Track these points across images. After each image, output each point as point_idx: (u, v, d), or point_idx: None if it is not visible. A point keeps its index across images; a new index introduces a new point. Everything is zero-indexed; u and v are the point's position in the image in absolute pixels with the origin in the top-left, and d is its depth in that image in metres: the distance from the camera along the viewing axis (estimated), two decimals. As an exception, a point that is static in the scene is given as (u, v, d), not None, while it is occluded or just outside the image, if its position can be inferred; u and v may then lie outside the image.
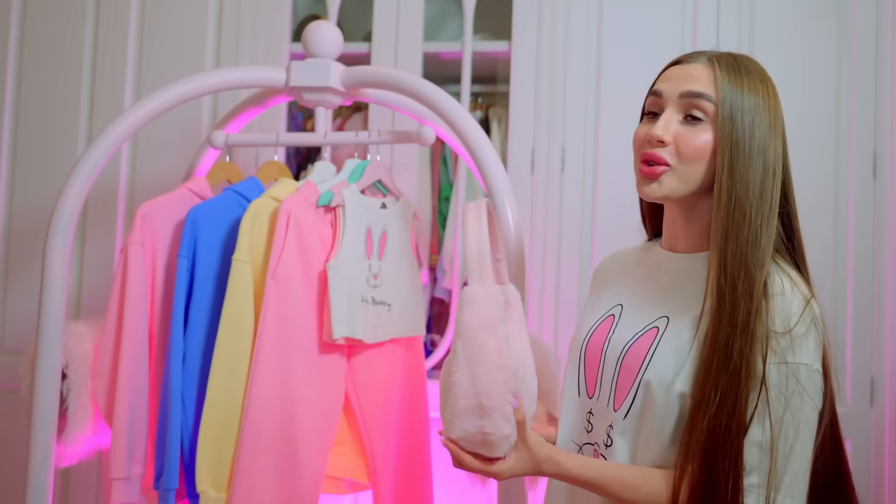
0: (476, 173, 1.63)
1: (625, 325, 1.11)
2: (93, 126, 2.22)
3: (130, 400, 1.53)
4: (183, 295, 1.54)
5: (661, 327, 1.06)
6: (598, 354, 1.12)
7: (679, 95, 1.06)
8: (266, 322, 1.48)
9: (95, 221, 2.20)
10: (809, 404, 0.97)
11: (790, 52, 2.02)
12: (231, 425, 1.49)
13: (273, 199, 1.58)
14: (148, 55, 2.22)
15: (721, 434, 0.94)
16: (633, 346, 1.07)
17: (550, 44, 2.09)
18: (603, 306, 1.17)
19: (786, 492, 0.95)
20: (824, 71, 2.00)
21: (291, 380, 1.50)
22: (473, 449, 0.99)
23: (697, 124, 1.04)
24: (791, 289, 1.02)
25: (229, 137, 1.74)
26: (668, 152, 1.05)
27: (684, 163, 1.04)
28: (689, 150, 1.04)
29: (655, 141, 1.05)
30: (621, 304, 1.14)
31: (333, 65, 1.68)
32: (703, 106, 1.04)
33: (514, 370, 0.99)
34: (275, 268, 1.49)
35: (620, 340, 1.10)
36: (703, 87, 1.04)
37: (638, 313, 1.10)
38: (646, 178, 1.06)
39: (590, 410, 1.12)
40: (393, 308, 1.63)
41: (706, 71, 1.06)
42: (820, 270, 1.96)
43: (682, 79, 1.06)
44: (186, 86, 1.63)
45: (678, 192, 1.06)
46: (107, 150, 1.59)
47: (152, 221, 1.59)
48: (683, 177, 1.05)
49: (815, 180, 1.98)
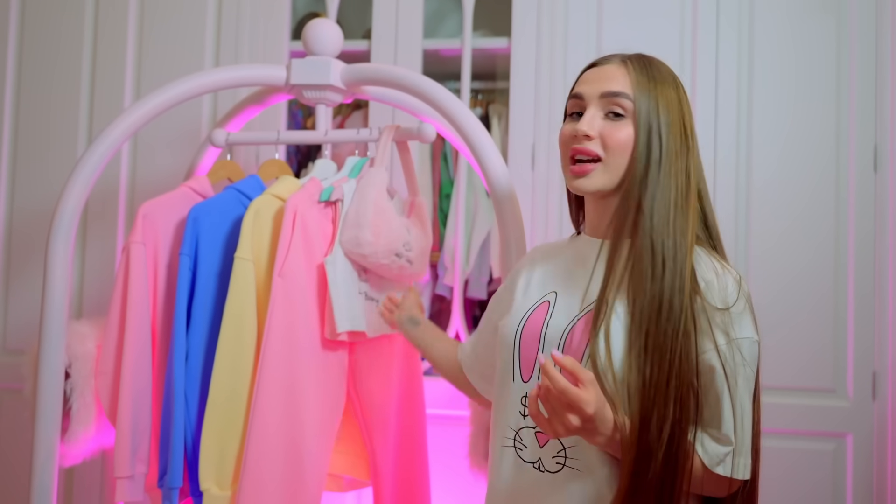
0: (477, 170, 1.63)
1: (561, 311, 1.15)
2: (93, 126, 2.22)
3: (133, 399, 1.53)
4: (185, 293, 1.54)
5: (592, 305, 1.12)
6: (535, 339, 1.15)
7: (600, 95, 1.14)
8: (273, 320, 1.48)
9: (96, 221, 2.21)
10: (751, 375, 1.09)
11: (790, 45, 2.02)
12: (234, 423, 1.49)
13: (275, 196, 1.58)
14: (147, 54, 2.22)
15: (664, 392, 1.03)
16: (574, 328, 1.12)
17: (550, 40, 2.10)
18: (534, 294, 1.21)
19: (745, 452, 1.07)
20: (824, 64, 2.00)
21: (298, 378, 1.50)
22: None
23: (619, 120, 1.13)
24: (722, 269, 1.11)
25: (230, 136, 1.75)
26: (595, 145, 1.13)
27: (611, 155, 1.13)
28: (613, 143, 1.13)
29: (582, 136, 1.13)
30: (555, 291, 1.19)
31: (334, 62, 1.68)
32: (623, 103, 1.13)
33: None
34: (282, 265, 1.50)
35: (559, 325, 1.14)
36: (621, 86, 1.14)
37: (573, 298, 1.15)
38: (576, 175, 1.14)
39: (525, 394, 1.15)
40: (381, 304, 1.63)
41: (620, 70, 1.15)
42: (821, 265, 1.97)
43: (600, 80, 1.15)
44: (186, 85, 1.63)
45: (608, 185, 1.14)
46: (107, 150, 1.59)
47: (154, 220, 1.59)
48: (612, 168, 1.13)
49: (815, 175, 1.99)
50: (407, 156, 1.77)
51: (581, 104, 1.16)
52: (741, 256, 2.00)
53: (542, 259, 1.27)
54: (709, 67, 2.04)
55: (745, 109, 2.03)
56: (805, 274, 1.97)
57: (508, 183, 1.58)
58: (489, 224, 2.32)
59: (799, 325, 1.96)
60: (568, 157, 1.16)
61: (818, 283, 1.97)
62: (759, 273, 1.98)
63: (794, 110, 2.01)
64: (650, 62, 1.17)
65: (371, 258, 1.55)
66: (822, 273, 1.97)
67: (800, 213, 1.99)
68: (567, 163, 1.16)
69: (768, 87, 2.02)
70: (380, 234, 1.54)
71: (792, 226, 1.99)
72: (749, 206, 2.01)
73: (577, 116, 1.17)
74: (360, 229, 1.54)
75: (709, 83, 2.04)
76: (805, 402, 1.95)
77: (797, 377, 1.96)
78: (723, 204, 2.01)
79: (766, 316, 1.94)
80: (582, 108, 1.16)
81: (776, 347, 1.93)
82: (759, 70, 2.03)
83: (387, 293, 1.62)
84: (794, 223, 1.99)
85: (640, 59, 1.17)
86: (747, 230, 2.00)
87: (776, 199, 2.00)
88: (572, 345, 1.11)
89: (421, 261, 1.66)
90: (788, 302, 1.97)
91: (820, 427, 1.94)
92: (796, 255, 1.98)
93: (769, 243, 1.99)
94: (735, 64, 2.04)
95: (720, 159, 2.02)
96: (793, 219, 1.99)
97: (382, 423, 1.65)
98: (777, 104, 2.02)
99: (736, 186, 2.01)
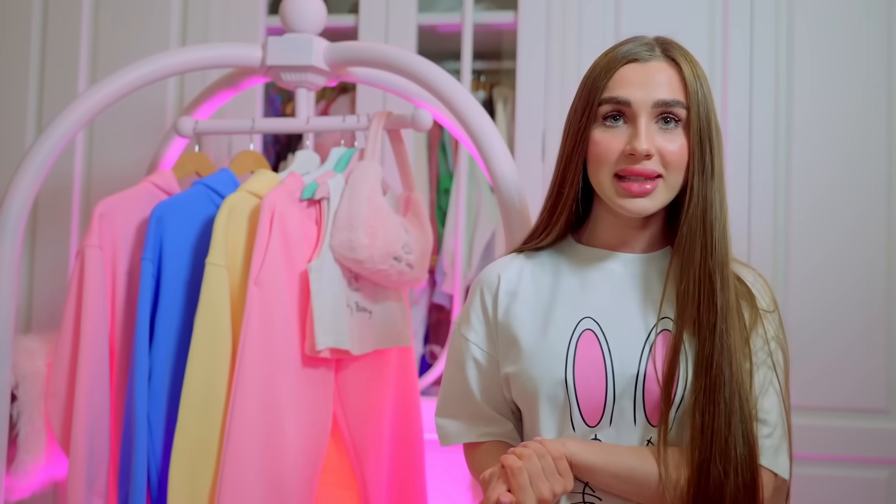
0: (479, 162, 1.63)
1: (621, 338, 1.16)
2: (43, 113, 2.21)
3: (89, 423, 1.53)
4: (148, 303, 1.54)
5: (670, 328, 1.16)
6: (600, 379, 1.15)
7: (653, 105, 1.15)
8: (248, 334, 1.48)
9: (47, 221, 2.20)
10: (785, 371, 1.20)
11: (833, 25, 2.01)
12: (207, 450, 1.49)
13: (250, 193, 1.58)
14: (104, 31, 2.21)
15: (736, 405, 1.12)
16: (651, 356, 1.15)
17: (562, 13, 2.09)
18: (558, 323, 1.19)
19: (787, 450, 1.17)
20: (874, 44, 2.00)
21: (278, 399, 1.50)
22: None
23: (672, 129, 1.16)
24: (747, 269, 1.23)
25: (198, 124, 1.74)
26: (656, 164, 1.15)
27: (671, 172, 1.15)
28: (673, 158, 1.15)
29: (642, 156, 1.13)
30: (591, 317, 1.18)
31: (316, 40, 1.68)
32: (678, 113, 1.15)
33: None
34: (258, 272, 1.49)
35: (629, 354, 1.15)
36: (675, 92, 1.15)
37: (628, 321, 1.17)
38: (636, 195, 1.15)
39: (594, 437, 1.16)
40: (374, 315, 1.63)
41: (670, 71, 1.16)
42: (872, 278, 1.96)
43: (649, 83, 1.15)
44: (149, 66, 1.63)
45: (664, 204, 1.18)
46: (59, 140, 1.59)
47: (112, 221, 1.59)
48: (670, 186, 1.16)
49: (865, 167, 1.98)
50: (400, 146, 1.76)
51: (627, 111, 1.16)
52: (780, 270, 1.99)
53: (519, 279, 1.25)
54: (743, 42, 2.04)
55: (784, 103, 2.02)
56: (855, 288, 1.97)
57: (515, 177, 1.58)
58: (494, 223, 2.32)
59: (849, 341, 1.96)
60: (612, 172, 1.16)
61: (869, 297, 1.97)
62: (801, 290, 1.98)
63: (838, 97, 2.01)
64: (687, 54, 1.19)
65: (367, 263, 1.54)
66: (873, 286, 1.97)
67: (848, 223, 1.99)
68: (609, 178, 1.16)
69: (811, 78, 2.02)
70: (376, 235, 1.54)
71: (840, 237, 1.99)
72: (789, 213, 2.00)
73: (614, 121, 1.16)
74: (353, 231, 1.53)
75: (743, 63, 2.03)
76: (855, 425, 1.95)
77: (848, 397, 1.96)
78: (760, 200, 2.00)
79: (812, 331, 1.95)
80: (626, 114, 1.16)
81: (824, 365, 1.94)
82: (800, 59, 2.02)
83: (383, 304, 1.62)
84: (842, 233, 1.99)
85: (682, 53, 1.19)
86: (786, 241, 2.00)
87: (822, 201, 2.00)
88: (655, 377, 1.14)
89: (421, 264, 1.66)
90: (837, 317, 1.97)
91: (872, 452, 1.94)
92: (845, 268, 1.98)
93: (815, 256, 1.99)
94: (773, 48, 2.03)
95: (755, 159, 2.02)
96: (841, 229, 1.99)
97: (375, 450, 1.65)
98: (821, 99, 2.01)
99: (775, 186, 2.01)
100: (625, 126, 1.16)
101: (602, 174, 1.17)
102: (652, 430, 1.14)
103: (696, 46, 1.97)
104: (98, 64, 2.21)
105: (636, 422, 1.14)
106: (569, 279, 1.23)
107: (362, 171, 1.59)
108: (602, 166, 1.16)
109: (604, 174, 1.16)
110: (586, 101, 1.19)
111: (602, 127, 1.17)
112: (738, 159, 2.02)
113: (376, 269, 1.55)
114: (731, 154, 2.01)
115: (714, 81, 2.02)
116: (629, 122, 1.15)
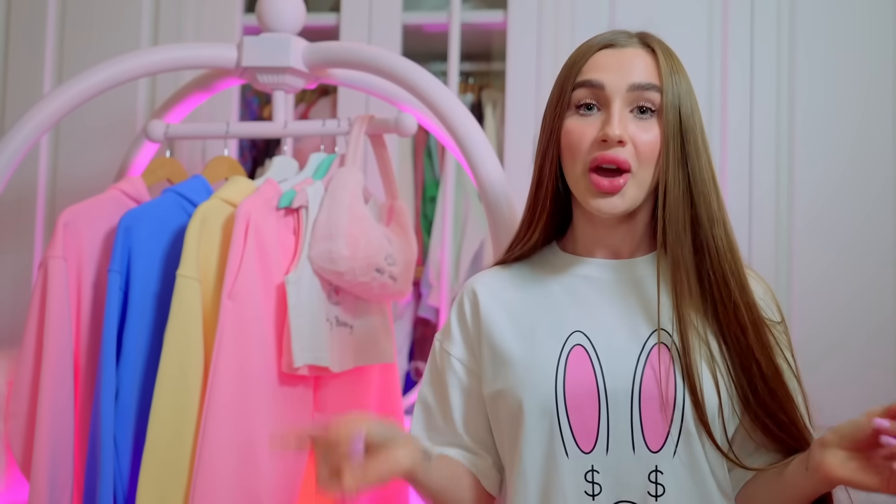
0: (466, 168, 1.64)
1: (613, 352, 1.13)
2: (5, 115, 2.21)
3: (52, 446, 1.52)
4: (115, 318, 1.53)
5: (666, 339, 1.13)
6: (592, 398, 1.12)
7: (628, 88, 1.13)
8: (222, 351, 1.48)
9: (9, 231, 2.19)
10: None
11: (836, 25, 2.03)
12: (177, 474, 1.48)
13: (224, 201, 1.58)
14: (72, 29, 2.22)
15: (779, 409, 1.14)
16: (645, 373, 1.11)
17: (554, 12, 2.10)
18: (545, 339, 1.16)
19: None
20: (878, 42, 2.02)
21: (252, 418, 1.50)
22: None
23: (647, 118, 1.13)
24: (756, 278, 1.21)
25: (170, 128, 1.74)
26: (629, 153, 1.12)
27: (642, 165, 1.13)
28: (645, 149, 1.12)
29: (615, 142, 1.10)
30: (580, 331, 1.15)
31: (294, 40, 1.68)
32: (653, 98, 1.13)
33: None
34: (232, 286, 1.49)
35: (621, 373, 1.12)
36: (650, 76, 1.13)
37: (619, 335, 1.15)
38: (604, 192, 1.12)
39: (591, 468, 1.11)
40: (355, 330, 1.63)
41: (647, 58, 1.15)
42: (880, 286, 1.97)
43: (623, 67, 1.14)
44: (118, 66, 1.63)
45: (636, 202, 1.15)
46: (22, 144, 1.59)
47: (77, 230, 1.59)
48: (640, 182, 1.13)
49: (871, 169, 2.00)
50: (383, 152, 1.76)
51: (600, 96, 1.14)
52: (783, 279, 2.00)
53: (502, 291, 1.24)
54: (743, 43, 2.05)
55: (785, 100, 2.04)
56: (860, 297, 1.98)
57: (504, 184, 1.58)
58: (482, 233, 2.32)
59: (856, 352, 1.97)
60: (586, 164, 1.13)
61: (876, 307, 1.98)
62: (805, 301, 1.99)
63: (844, 108, 2.02)
64: (666, 48, 1.18)
65: (348, 276, 1.54)
66: (880, 295, 1.98)
67: (854, 228, 2.00)
68: (583, 171, 1.14)
69: (813, 78, 2.04)
70: (357, 246, 1.54)
71: (846, 242, 2.00)
72: (792, 218, 2.02)
73: (588, 110, 1.15)
74: (333, 241, 1.53)
75: (743, 62, 2.05)
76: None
77: (856, 411, 1.96)
78: (762, 205, 2.01)
79: (817, 345, 1.95)
80: (600, 100, 1.14)
81: (831, 379, 1.94)
82: (802, 58, 2.04)
83: (364, 318, 1.61)
84: (847, 238, 2.00)
85: (661, 45, 1.18)
86: (789, 248, 2.01)
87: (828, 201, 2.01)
88: (652, 389, 1.11)
89: (405, 276, 1.66)
90: (842, 330, 1.98)
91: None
92: (850, 278, 1.99)
93: (817, 266, 2.00)
94: (774, 45, 2.04)
95: (756, 159, 2.03)
96: (846, 233, 2.00)
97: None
98: (823, 99, 2.03)
99: (777, 189, 2.02)
100: (598, 114, 1.14)
101: (576, 167, 1.14)
102: (655, 459, 1.10)
103: (695, 46, 2.00)
104: (64, 63, 2.21)
105: (635, 448, 1.10)
106: (554, 289, 1.21)
107: (343, 178, 1.59)
108: (575, 157, 1.14)
109: (577, 167, 1.14)
110: (561, 87, 1.18)
111: (576, 115, 1.15)
112: (738, 161, 2.03)
113: (357, 281, 1.55)
114: (732, 157, 2.02)
115: (714, 81, 2.04)
116: (603, 108, 1.14)
